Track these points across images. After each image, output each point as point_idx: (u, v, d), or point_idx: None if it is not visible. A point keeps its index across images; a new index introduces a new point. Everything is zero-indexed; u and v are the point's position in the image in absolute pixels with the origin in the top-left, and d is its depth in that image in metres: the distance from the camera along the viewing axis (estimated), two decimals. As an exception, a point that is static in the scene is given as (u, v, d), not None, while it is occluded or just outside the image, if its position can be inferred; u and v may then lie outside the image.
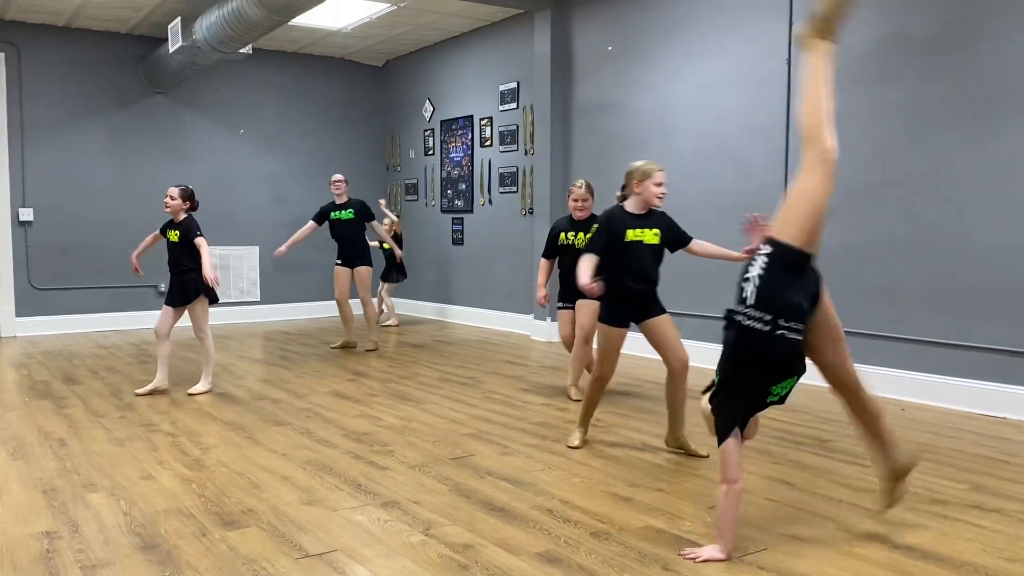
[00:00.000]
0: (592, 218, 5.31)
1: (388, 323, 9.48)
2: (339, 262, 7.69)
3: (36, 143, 8.88)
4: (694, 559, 2.82)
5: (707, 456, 4.09)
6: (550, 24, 8.00)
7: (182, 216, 5.71)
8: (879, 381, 5.53)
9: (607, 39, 7.62)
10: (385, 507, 3.39)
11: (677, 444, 4.21)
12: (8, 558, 2.88)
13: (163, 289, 9.35)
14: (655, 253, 4.08)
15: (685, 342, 4.33)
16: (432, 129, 10.21)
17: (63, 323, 9.05)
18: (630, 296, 4.05)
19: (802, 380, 2.91)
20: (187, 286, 5.65)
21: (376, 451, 4.25)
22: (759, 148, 6.27)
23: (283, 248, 7.70)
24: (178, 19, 7.62)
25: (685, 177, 6.85)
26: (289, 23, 7.16)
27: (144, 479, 3.79)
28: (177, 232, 5.69)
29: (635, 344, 7.30)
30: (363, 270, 7.66)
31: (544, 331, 8.22)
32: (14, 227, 8.81)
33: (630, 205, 4.09)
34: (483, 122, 9.30)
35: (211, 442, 4.44)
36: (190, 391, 5.68)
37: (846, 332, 3.09)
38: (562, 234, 5.43)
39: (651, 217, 4.08)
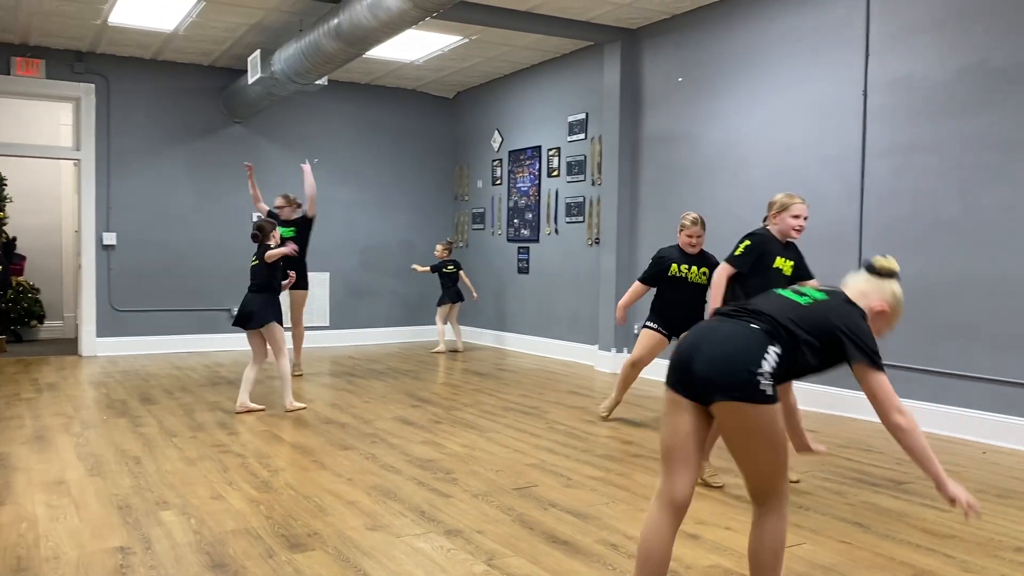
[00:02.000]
0: (703, 253, 5.33)
1: (438, 349, 9.70)
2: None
3: (121, 170, 9.26)
4: None
5: (722, 486, 4.10)
6: (620, 56, 8.02)
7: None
8: (956, 421, 5.33)
9: (676, 70, 7.60)
10: (448, 535, 3.38)
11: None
12: (84, 572, 2.96)
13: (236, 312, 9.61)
14: (790, 282, 4.00)
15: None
16: (500, 159, 10.31)
17: (141, 344, 9.35)
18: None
19: (876, 420, 2.74)
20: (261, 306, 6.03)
21: (440, 478, 4.26)
22: (833, 180, 6.16)
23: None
24: (257, 52, 7.89)
25: (757, 209, 6.75)
26: (363, 56, 7.35)
27: (214, 499, 3.86)
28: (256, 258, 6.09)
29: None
30: (300, 293, 7.80)
31: (609, 362, 8.16)
32: (98, 251, 9.16)
33: (775, 231, 4.16)
34: (551, 152, 9.35)
35: (279, 464, 4.51)
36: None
37: (926, 370, 2.97)
38: (674, 265, 5.27)
39: (790, 249, 4.15)
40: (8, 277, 9.91)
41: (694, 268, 5.27)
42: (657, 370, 7.68)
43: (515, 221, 10.02)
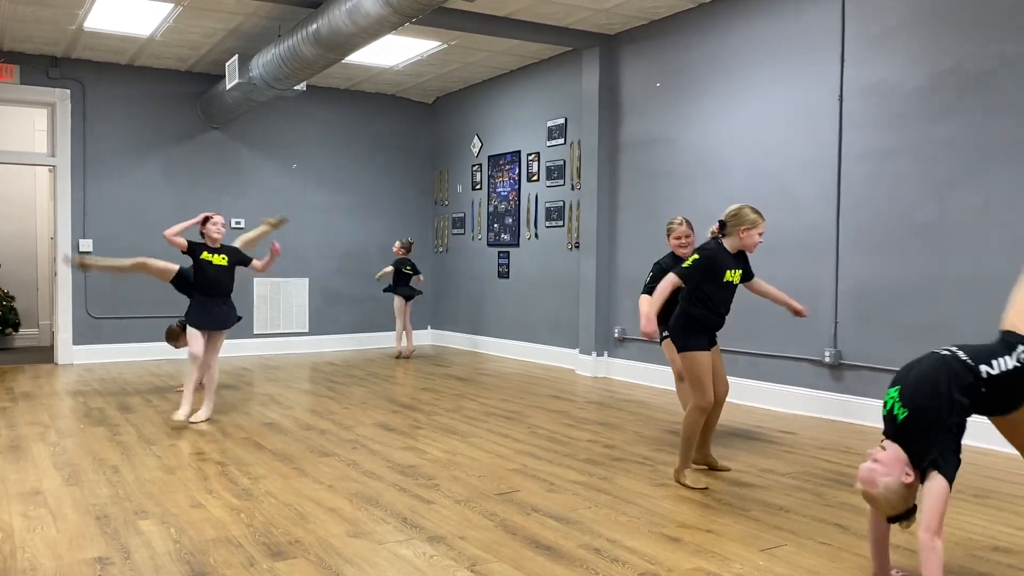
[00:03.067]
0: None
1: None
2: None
3: (97, 176, 9.17)
4: None
5: (729, 469, 4.51)
6: (598, 61, 8.05)
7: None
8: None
9: (655, 76, 7.65)
10: (431, 541, 3.38)
11: (704, 461, 4.55)
12: (62, 583, 2.93)
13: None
14: (736, 291, 4.38)
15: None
16: (480, 164, 10.31)
17: (118, 351, 9.26)
18: (713, 328, 4.33)
19: (854, 421, 2.82)
20: (233, 310, 6.03)
21: (421, 484, 4.25)
22: (810, 184, 6.21)
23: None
24: (235, 57, 7.84)
25: (734, 213, 6.80)
26: (342, 61, 7.33)
27: (194, 507, 3.83)
28: (226, 256, 5.95)
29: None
30: None
31: (590, 366, 8.18)
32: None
33: (728, 244, 4.28)
34: (530, 157, 9.37)
35: (259, 472, 4.48)
36: (194, 420, 5.78)
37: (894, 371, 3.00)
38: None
39: (739, 258, 4.35)
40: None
41: None
42: (630, 372, 7.71)
43: (495, 226, 10.03)
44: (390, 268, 9.72)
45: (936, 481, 2.62)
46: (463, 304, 10.63)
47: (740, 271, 4.32)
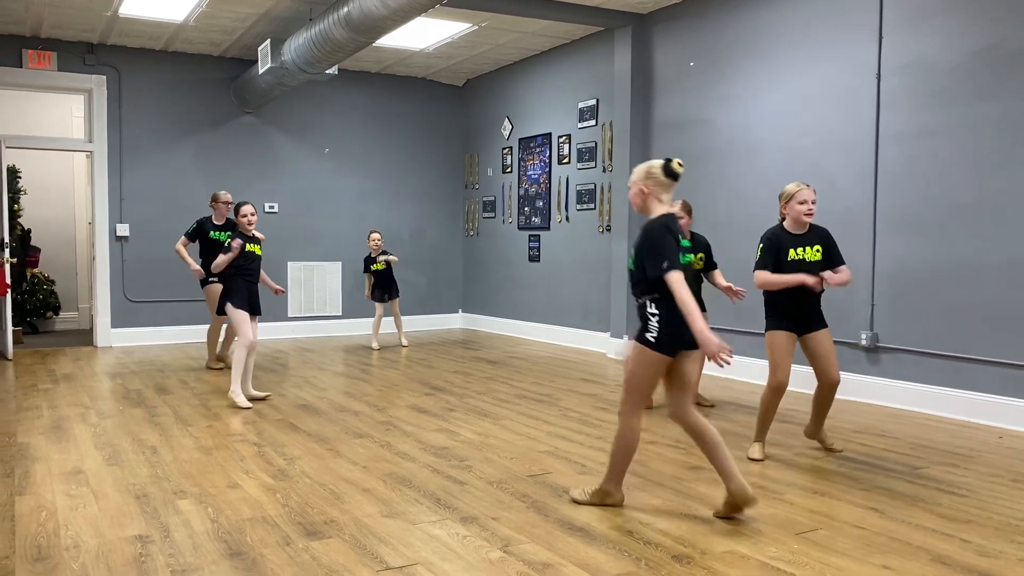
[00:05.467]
0: (693, 236, 5.58)
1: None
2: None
3: (133, 161, 9.29)
4: None
5: (841, 451, 4.51)
6: (630, 41, 7.98)
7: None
8: (972, 406, 5.31)
9: (689, 55, 7.56)
10: (464, 522, 3.40)
11: (813, 436, 4.58)
12: (103, 560, 2.99)
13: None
14: (818, 269, 4.26)
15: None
16: (510, 147, 10.28)
17: (155, 334, 9.40)
18: (792, 309, 4.27)
19: (890, 404, 2.79)
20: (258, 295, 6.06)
21: (454, 466, 4.27)
22: (846, 165, 6.12)
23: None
24: (268, 41, 7.88)
25: (770, 194, 6.73)
26: (373, 44, 7.33)
27: (231, 487, 3.89)
28: (259, 245, 6.07)
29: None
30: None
31: (621, 350, 8.15)
32: (111, 242, 9.21)
33: (788, 224, 4.33)
34: (561, 139, 9.32)
35: (295, 453, 4.54)
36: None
37: (941, 355, 2.96)
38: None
39: (811, 234, 4.30)
40: (24, 269, 9.98)
41: (690, 255, 5.45)
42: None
43: (525, 209, 10.01)
44: (366, 274, 9.12)
45: None
46: (493, 288, 10.64)
47: (817, 247, 4.26)
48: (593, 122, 8.82)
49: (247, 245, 5.97)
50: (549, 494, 3.78)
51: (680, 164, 3.35)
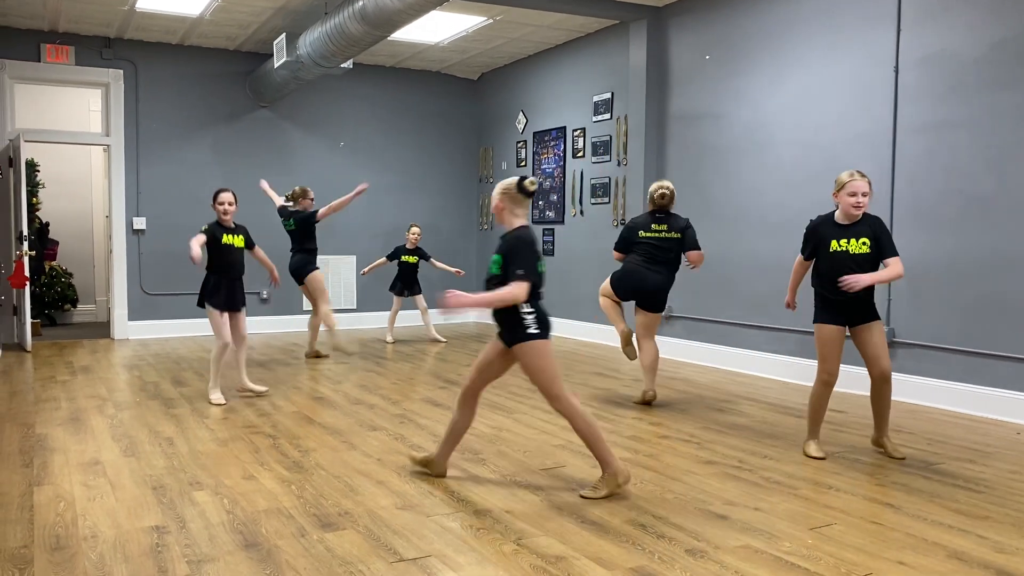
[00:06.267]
0: (671, 216, 5.58)
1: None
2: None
3: (149, 155, 9.34)
4: None
5: (903, 458, 4.27)
6: (646, 34, 7.94)
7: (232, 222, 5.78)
8: (990, 402, 5.27)
9: (704, 48, 7.52)
10: (477, 515, 3.41)
11: (877, 443, 4.42)
12: (120, 550, 3.02)
13: (265, 296, 9.70)
14: (865, 262, 4.16)
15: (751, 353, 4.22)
16: (525, 141, 10.27)
17: (172, 327, 9.47)
18: (836, 301, 4.20)
19: (907, 400, 2.77)
20: (242, 289, 5.86)
21: (468, 459, 4.28)
22: (863, 158, 6.07)
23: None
24: (283, 35, 7.90)
25: (786, 188, 6.69)
26: (388, 38, 7.33)
27: (246, 479, 3.92)
28: (242, 237, 5.81)
29: (730, 360, 7.16)
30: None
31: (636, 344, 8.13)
32: (128, 235, 9.28)
33: (837, 214, 4.26)
34: (576, 133, 9.30)
35: (310, 445, 4.56)
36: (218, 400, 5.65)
37: (958, 350, 2.94)
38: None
39: (859, 226, 4.19)
40: (42, 262, 10.07)
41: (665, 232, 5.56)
42: (676, 350, 7.65)
43: (540, 203, 10.00)
44: (383, 260, 9.04)
45: None
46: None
47: (864, 239, 4.14)
48: (608, 116, 8.79)
49: (225, 237, 5.64)
50: (563, 488, 3.79)
51: (532, 183, 3.66)
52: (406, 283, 9.04)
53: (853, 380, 6.06)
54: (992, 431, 4.92)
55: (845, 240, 4.17)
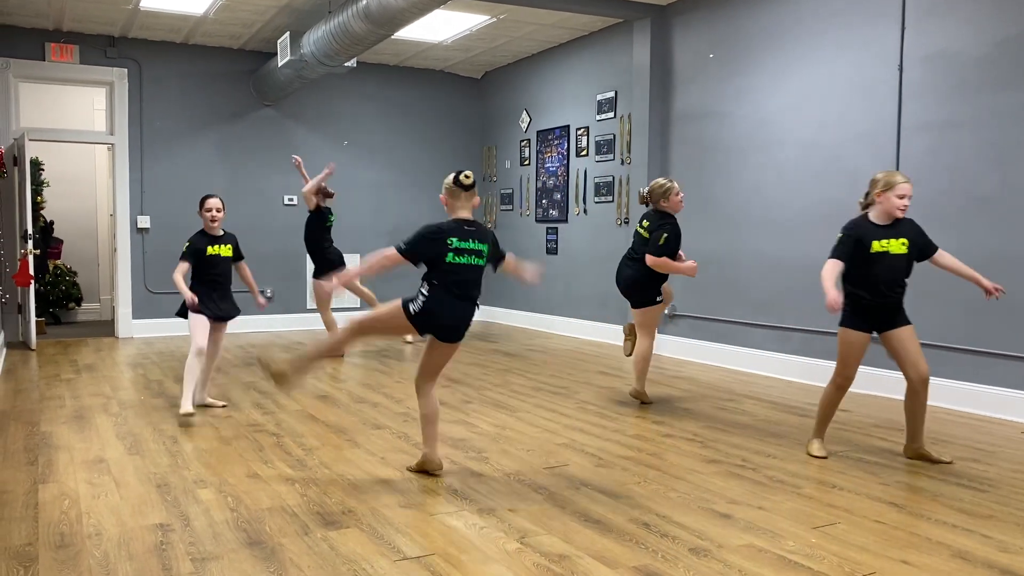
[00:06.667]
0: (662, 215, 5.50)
1: None
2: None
3: (153, 154, 9.36)
4: None
5: (951, 462, 4.16)
6: (649, 33, 7.93)
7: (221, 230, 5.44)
8: (994, 401, 5.26)
9: (708, 47, 7.51)
10: (481, 513, 3.41)
11: (916, 454, 4.25)
12: (125, 548, 3.03)
13: (269, 294, 9.71)
14: (903, 262, 4.11)
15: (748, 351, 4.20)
16: (528, 139, 10.27)
17: (176, 325, 9.43)
18: (871, 305, 4.11)
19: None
20: (232, 298, 5.56)
21: (472, 457, 4.28)
22: (867, 157, 6.06)
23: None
24: (287, 34, 7.91)
25: (789, 187, 6.69)
26: (392, 37, 7.33)
27: (250, 477, 3.92)
28: (230, 246, 5.48)
29: (734, 359, 7.16)
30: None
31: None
32: (132, 234, 9.29)
33: (874, 214, 4.16)
34: (579, 132, 9.30)
35: (313, 443, 4.57)
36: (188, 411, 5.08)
37: (962, 349, 2.93)
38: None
39: (898, 226, 4.12)
40: (46, 261, 10.09)
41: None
42: (680, 348, 7.64)
43: (543, 201, 10.00)
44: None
45: None
46: (511, 280, 10.61)
47: (902, 240, 4.06)
48: (611, 114, 8.79)
49: (210, 248, 5.28)
50: (566, 486, 3.79)
51: (467, 176, 3.80)
52: None
53: (855, 380, 6.05)
54: (996, 430, 4.91)
55: (887, 240, 4.08)
